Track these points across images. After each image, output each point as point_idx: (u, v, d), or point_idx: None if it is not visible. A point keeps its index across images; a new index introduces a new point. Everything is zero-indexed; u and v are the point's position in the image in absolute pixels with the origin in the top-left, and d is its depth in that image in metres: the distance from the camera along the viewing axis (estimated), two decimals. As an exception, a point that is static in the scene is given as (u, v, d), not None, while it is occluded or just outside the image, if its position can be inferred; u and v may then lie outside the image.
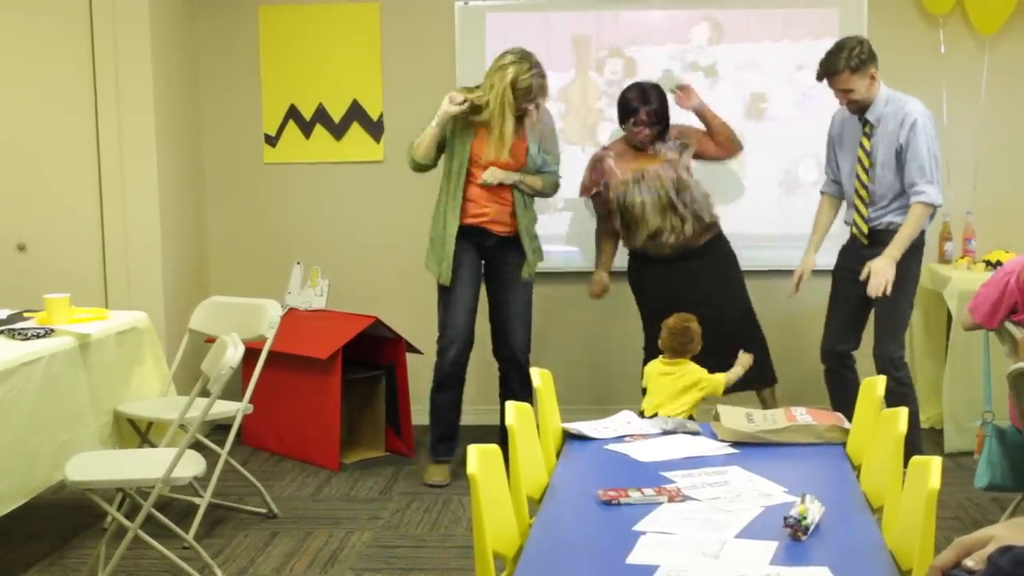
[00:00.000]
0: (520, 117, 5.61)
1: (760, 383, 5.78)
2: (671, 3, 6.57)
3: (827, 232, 5.79)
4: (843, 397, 5.45)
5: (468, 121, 5.59)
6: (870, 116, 5.40)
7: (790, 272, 5.86)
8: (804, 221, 6.07)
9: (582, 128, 6.70)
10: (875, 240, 5.44)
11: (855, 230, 5.52)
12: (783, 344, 6.44)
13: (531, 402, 5.54)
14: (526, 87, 5.49)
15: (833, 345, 5.65)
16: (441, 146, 5.65)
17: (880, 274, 5.25)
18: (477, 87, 5.64)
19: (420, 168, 5.69)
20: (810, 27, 6.50)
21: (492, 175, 5.59)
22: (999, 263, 5.84)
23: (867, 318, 5.62)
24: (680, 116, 5.93)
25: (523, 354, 5.84)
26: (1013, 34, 6.44)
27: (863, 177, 5.44)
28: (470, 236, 5.67)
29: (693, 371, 4.67)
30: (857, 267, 5.50)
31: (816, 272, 6.00)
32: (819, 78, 5.41)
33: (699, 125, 5.95)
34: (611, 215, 5.94)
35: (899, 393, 5.33)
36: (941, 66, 6.40)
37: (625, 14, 6.59)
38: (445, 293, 5.72)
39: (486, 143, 5.59)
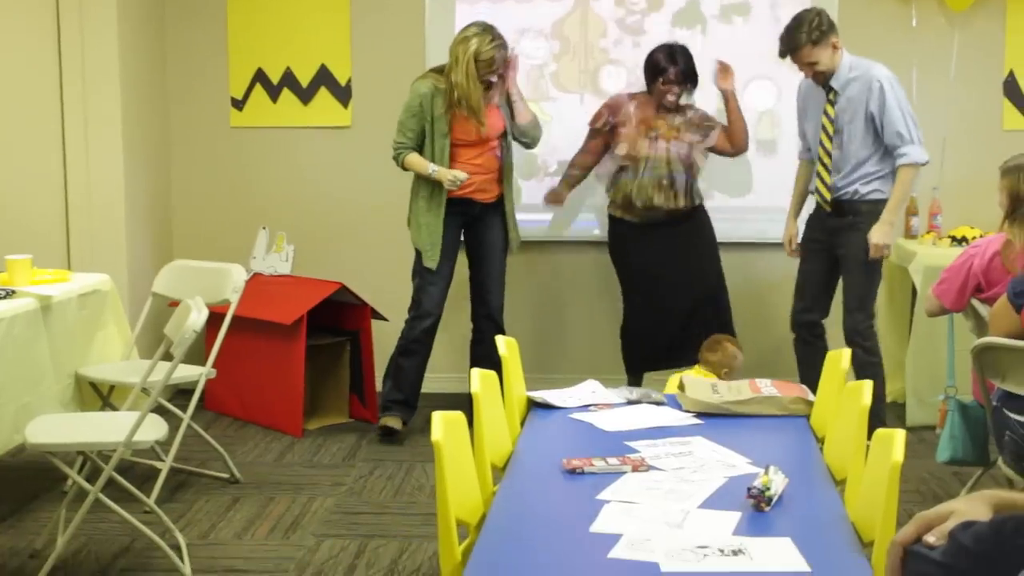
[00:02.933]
0: (487, 90, 5.67)
1: None
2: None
3: (805, 197, 5.83)
4: (812, 365, 5.48)
5: (444, 109, 5.64)
6: (834, 83, 5.44)
7: (753, 244, 5.93)
8: (767, 193, 6.12)
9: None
10: (841, 210, 5.48)
11: (818, 198, 5.58)
12: (748, 315, 6.45)
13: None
14: (488, 59, 5.58)
15: (802, 314, 5.73)
16: (420, 135, 5.72)
17: (879, 245, 5.36)
18: (441, 68, 5.72)
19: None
20: (783, 4, 6.46)
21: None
22: (964, 239, 5.88)
23: (835, 287, 5.69)
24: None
25: (500, 314, 5.98)
26: (982, 11, 6.45)
27: (827, 144, 5.49)
28: (455, 207, 5.76)
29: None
30: (822, 237, 5.59)
31: (767, 245, 6.15)
32: (782, 55, 5.45)
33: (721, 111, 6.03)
34: (598, 152, 6.01)
35: (867, 363, 5.47)
36: (912, 42, 6.40)
37: (594, 2, 6.56)
38: (424, 266, 5.78)
39: (464, 121, 5.67)
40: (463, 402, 5.57)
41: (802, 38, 5.33)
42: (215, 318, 4.84)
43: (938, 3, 6.45)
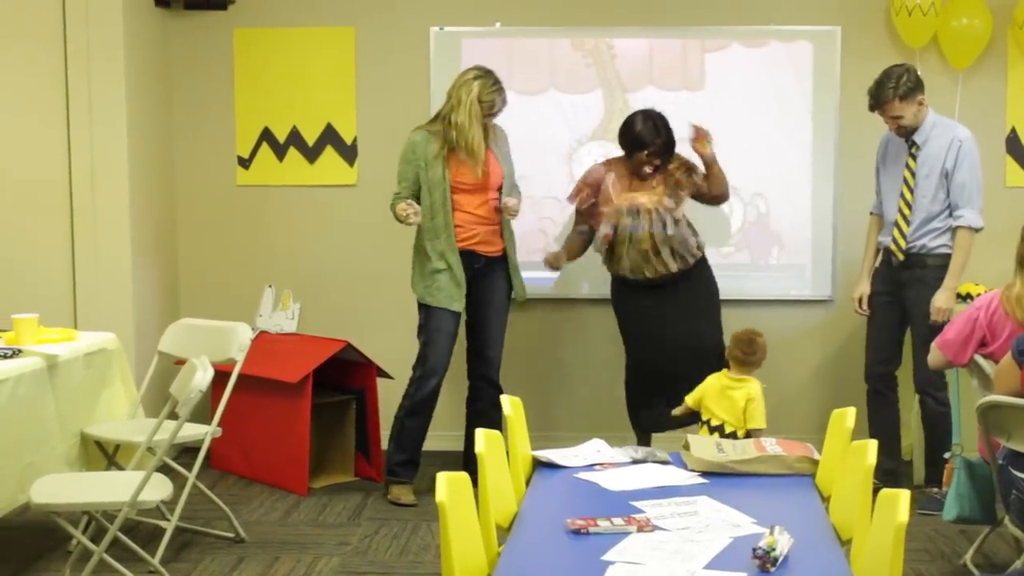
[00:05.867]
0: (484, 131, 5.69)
1: None
2: (646, 32, 6.59)
3: (877, 252, 5.95)
4: (884, 418, 5.80)
5: (437, 152, 5.63)
6: (917, 138, 5.64)
7: (752, 301, 6.08)
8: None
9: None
10: (909, 262, 5.67)
11: (893, 246, 5.71)
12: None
13: (501, 420, 5.61)
14: (490, 100, 5.63)
15: (876, 367, 5.87)
16: (414, 183, 5.70)
17: (943, 309, 5.53)
18: (436, 118, 5.74)
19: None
20: (783, 61, 6.54)
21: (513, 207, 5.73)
22: (969, 296, 5.89)
23: (903, 337, 5.86)
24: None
25: (497, 372, 5.93)
26: (984, 69, 6.50)
27: (907, 196, 5.66)
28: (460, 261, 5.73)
29: (749, 391, 5.00)
30: (891, 289, 5.76)
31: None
32: (871, 108, 5.63)
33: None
34: (589, 228, 5.94)
35: (939, 413, 5.62)
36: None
37: (599, 42, 6.61)
38: (434, 322, 5.72)
39: (461, 165, 5.65)
40: (456, 459, 5.62)
41: (889, 93, 5.52)
42: (221, 376, 4.85)
43: (941, 60, 6.50)
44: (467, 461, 5.68)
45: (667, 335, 5.80)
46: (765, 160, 6.57)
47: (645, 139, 5.71)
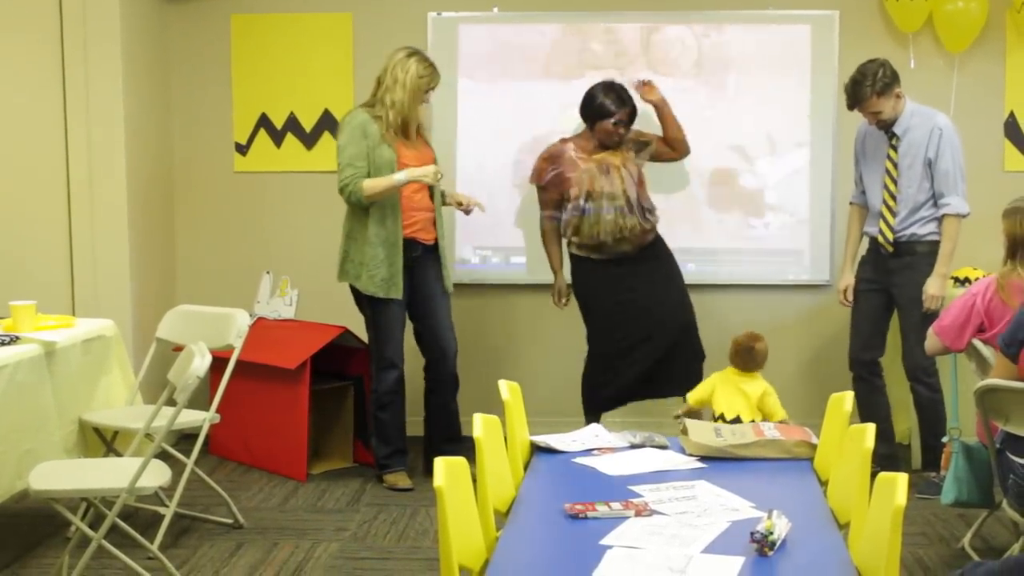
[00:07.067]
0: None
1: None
2: (644, 17, 6.58)
3: (860, 242, 5.98)
4: (873, 403, 5.79)
5: (380, 134, 5.58)
6: (897, 129, 5.66)
7: (749, 285, 6.30)
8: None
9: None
10: (899, 251, 5.69)
11: (881, 239, 5.72)
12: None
13: (457, 408, 5.65)
14: (428, 75, 5.64)
15: (860, 354, 5.87)
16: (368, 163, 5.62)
17: (936, 296, 5.55)
18: (371, 104, 5.67)
19: (360, 206, 5.59)
20: (782, 43, 6.53)
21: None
22: (967, 280, 5.90)
23: (888, 325, 5.87)
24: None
25: (455, 361, 5.92)
26: (982, 52, 6.50)
27: (891, 187, 5.68)
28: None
29: (764, 385, 5.02)
30: (877, 277, 5.78)
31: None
32: (849, 107, 5.69)
33: (654, 121, 6.03)
34: (559, 205, 5.93)
35: (930, 399, 5.68)
36: (911, 84, 6.41)
37: (596, 27, 6.60)
38: (382, 313, 5.70)
39: (404, 149, 5.63)
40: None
41: (867, 91, 5.56)
42: (219, 363, 4.86)
43: (936, 45, 6.49)
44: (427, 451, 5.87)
45: (649, 307, 5.85)
46: (763, 144, 6.57)
47: (611, 108, 5.79)
